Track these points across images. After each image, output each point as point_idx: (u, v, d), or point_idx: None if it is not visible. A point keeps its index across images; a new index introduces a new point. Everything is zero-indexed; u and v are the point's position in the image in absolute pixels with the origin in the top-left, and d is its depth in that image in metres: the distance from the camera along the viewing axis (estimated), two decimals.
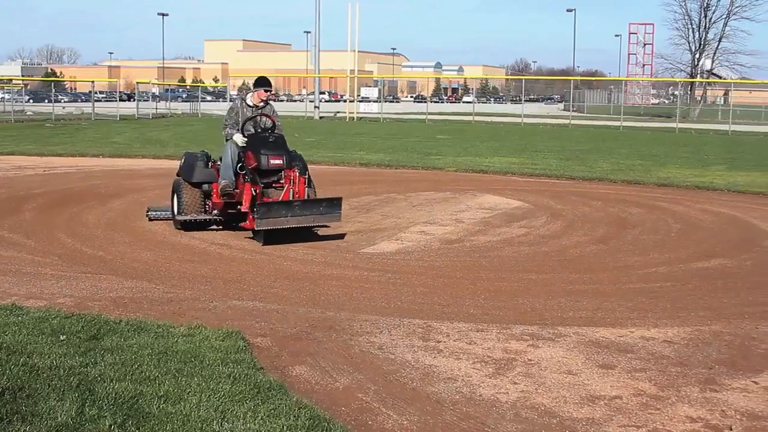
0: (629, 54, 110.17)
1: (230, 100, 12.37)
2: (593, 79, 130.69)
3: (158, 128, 43.45)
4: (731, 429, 5.70)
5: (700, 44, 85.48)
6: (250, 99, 12.96)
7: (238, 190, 12.25)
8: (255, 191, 11.86)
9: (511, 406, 5.99)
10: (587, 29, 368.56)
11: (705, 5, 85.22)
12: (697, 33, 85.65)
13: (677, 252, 12.11)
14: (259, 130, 12.65)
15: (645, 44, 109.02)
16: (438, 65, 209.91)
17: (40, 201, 15.82)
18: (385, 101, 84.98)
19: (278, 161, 12.15)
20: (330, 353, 7.06)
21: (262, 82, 13.06)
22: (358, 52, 68.74)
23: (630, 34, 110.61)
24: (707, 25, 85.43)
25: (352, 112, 64.65)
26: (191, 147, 29.80)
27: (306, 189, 12.28)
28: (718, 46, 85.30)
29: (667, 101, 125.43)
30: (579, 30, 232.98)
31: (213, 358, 6.50)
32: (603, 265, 11.12)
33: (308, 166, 12.87)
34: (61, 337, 6.89)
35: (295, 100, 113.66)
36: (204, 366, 6.28)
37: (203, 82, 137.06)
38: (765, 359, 7.27)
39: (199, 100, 70.40)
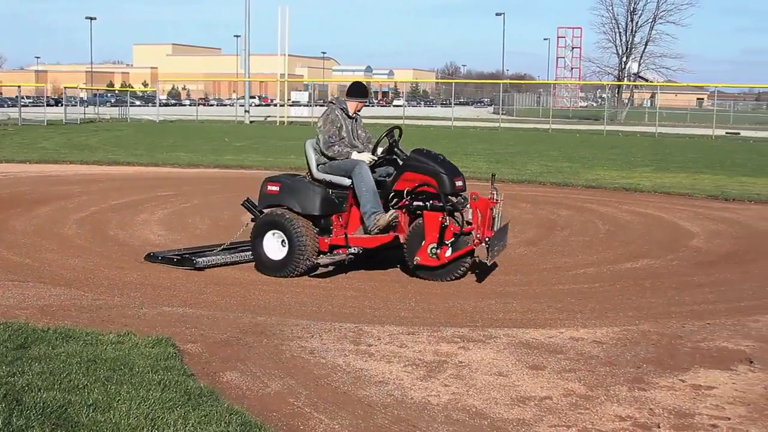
0: (557, 57, 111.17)
1: (325, 106, 10.78)
2: (522, 82, 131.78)
3: (86, 133, 42.91)
4: (659, 427, 5.77)
5: (627, 48, 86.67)
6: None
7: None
8: (445, 220, 10.00)
9: (443, 409, 6.01)
10: (516, 33, 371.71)
11: (632, 9, 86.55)
12: (624, 37, 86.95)
13: (605, 253, 12.25)
14: (391, 147, 10.74)
15: (573, 48, 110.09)
16: (368, 69, 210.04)
17: None
18: (316, 105, 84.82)
19: (460, 183, 10.33)
20: (261, 358, 7.03)
21: (360, 92, 11.25)
22: (289, 56, 68.66)
23: (558, 37, 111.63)
24: (634, 29, 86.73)
25: (283, 117, 64.54)
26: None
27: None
28: (644, 49, 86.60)
29: (595, 104, 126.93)
30: (508, 34, 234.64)
31: (143, 365, 6.43)
32: (532, 267, 11.22)
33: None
34: None
35: (225, 105, 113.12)
36: (134, 373, 6.22)
37: (132, 87, 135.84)
38: (691, 357, 7.38)
39: (128, 104, 69.60)
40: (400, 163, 10.60)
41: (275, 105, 78.82)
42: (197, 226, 13.93)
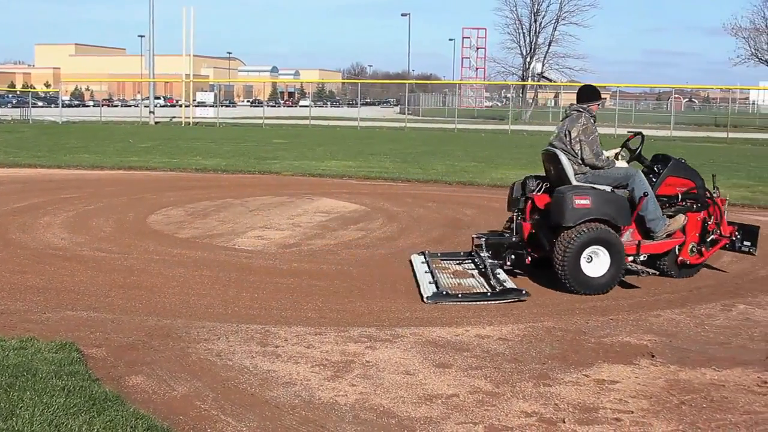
0: (463, 58, 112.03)
1: (576, 115, 10.02)
2: (428, 82, 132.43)
3: None
4: (564, 422, 5.86)
5: (530, 48, 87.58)
6: None
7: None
8: (708, 219, 10.75)
9: (350, 408, 6.03)
10: (422, 34, 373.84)
11: (535, 11, 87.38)
12: (528, 37, 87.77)
13: None
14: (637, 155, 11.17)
15: (478, 48, 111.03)
16: (274, 69, 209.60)
17: None
18: (222, 106, 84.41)
19: None
20: (167, 362, 6.97)
21: (598, 94, 11.06)
22: (194, 56, 68.07)
23: (463, 38, 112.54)
24: (537, 30, 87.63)
25: (188, 117, 64.01)
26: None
27: None
28: (548, 50, 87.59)
29: (500, 104, 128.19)
30: (413, 34, 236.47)
31: (46, 371, 6.33)
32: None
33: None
34: None
35: (129, 106, 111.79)
36: (37, 379, 6.12)
37: (34, 88, 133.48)
38: (595, 353, 7.50)
39: (30, 105, 68.33)
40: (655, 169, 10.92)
41: (180, 106, 78.00)
42: (101, 228, 13.75)
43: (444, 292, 9.41)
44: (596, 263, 9.79)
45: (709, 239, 10.74)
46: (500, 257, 10.56)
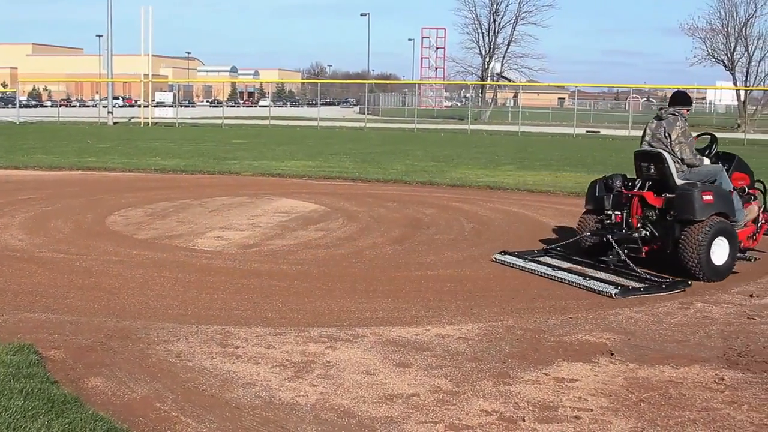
0: (422, 58, 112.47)
1: (676, 118, 10.51)
2: (388, 82, 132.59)
3: None
4: (524, 420, 5.89)
5: (490, 48, 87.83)
6: None
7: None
8: (762, 208, 12.12)
9: (311, 408, 6.02)
10: (381, 33, 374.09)
11: (494, 11, 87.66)
12: (487, 37, 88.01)
13: (470, 250, 12.41)
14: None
15: (437, 48, 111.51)
16: (234, 69, 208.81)
17: None
18: (181, 106, 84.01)
19: None
20: (126, 363, 6.93)
21: (691, 100, 11.99)
22: (152, 56, 67.72)
23: (422, 38, 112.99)
24: (496, 30, 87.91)
25: (147, 118, 63.66)
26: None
27: None
28: (507, 50, 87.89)
29: (459, 104, 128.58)
30: (373, 34, 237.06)
31: (4, 373, 6.28)
32: (399, 265, 11.29)
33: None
34: None
35: (87, 106, 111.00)
36: None
37: None
38: (555, 351, 7.55)
39: None
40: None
41: (139, 106, 77.54)
42: (60, 229, 13.65)
43: (630, 287, 10.00)
44: (717, 252, 10.66)
45: (759, 225, 11.97)
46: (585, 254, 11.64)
